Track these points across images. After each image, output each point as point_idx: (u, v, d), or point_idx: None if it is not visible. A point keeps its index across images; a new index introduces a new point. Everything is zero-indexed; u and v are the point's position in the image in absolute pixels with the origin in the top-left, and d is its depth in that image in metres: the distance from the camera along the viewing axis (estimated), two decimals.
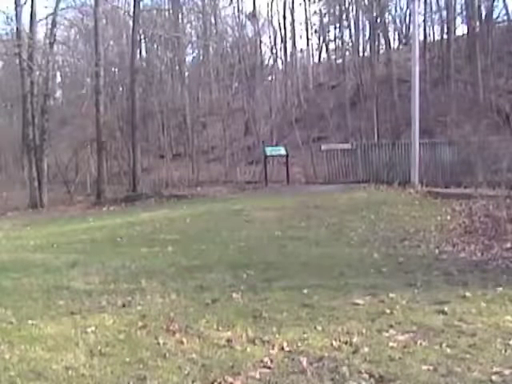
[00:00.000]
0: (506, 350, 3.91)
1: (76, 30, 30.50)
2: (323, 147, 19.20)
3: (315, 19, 35.19)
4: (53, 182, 24.04)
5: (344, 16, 30.37)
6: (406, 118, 18.64)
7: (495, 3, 25.17)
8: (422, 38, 24.55)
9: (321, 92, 28.71)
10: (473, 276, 6.17)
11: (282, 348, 4.10)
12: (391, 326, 4.49)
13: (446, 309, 4.87)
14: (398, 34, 33.65)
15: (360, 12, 28.87)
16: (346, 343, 4.13)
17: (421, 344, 4.07)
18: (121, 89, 30.05)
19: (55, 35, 23.95)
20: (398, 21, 32.98)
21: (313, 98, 28.13)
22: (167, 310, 5.23)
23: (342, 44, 31.35)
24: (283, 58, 32.32)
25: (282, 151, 20.25)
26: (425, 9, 26.33)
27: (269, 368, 3.77)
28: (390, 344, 4.09)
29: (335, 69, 31.68)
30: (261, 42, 32.29)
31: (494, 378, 3.48)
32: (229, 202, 14.43)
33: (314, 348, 4.07)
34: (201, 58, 33.01)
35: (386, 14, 29.48)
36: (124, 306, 5.44)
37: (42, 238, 10.81)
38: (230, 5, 32.71)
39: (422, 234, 8.95)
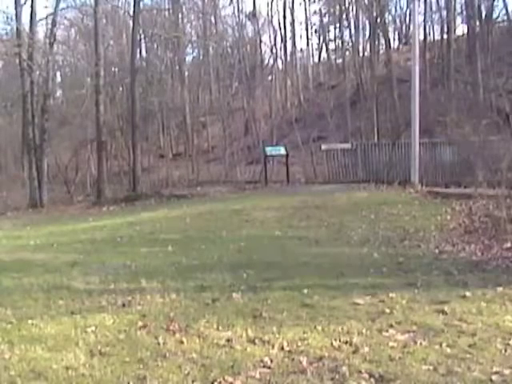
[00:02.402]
0: (505, 350, 3.92)
1: (76, 30, 30.49)
2: (323, 147, 19.17)
3: (315, 19, 35.37)
4: (53, 182, 24.05)
5: (344, 16, 30.42)
6: (406, 118, 18.63)
7: (495, 3, 25.21)
8: (422, 37, 24.55)
9: (321, 92, 28.72)
10: (473, 276, 6.17)
11: (282, 348, 4.10)
12: (391, 326, 4.49)
13: (445, 309, 4.87)
14: (398, 34, 33.76)
15: (360, 12, 28.88)
16: (346, 343, 4.14)
17: (421, 344, 4.07)
18: (121, 89, 30.06)
19: (55, 35, 23.95)
20: (397, 21, 33.11)
21: (313, 98, 28.17)
22: (167, 309, 5.23)
23: (342, 44, 31.40)
24: (283, 57, 32.38)
25: (282, 151, 20.23)
26: (425, 9, 26.39)
27: (269, 368, 3.77)
28: (390, 344, 4.09)
29: (335, 69, 31.75)
30: (261, 41, 32.37)
31: (494, 377, 3.48)
32: (229, 202, 14.41)
33: (313, 348, 4.07)
34: (201, 57, 33.01)
35: (386, 13, 29.50)
36: (124, 305, 5.44)
37: (42, 238, 10.82)
38: (230, 5, 32.86)
39: (421, 234, 8.94)
